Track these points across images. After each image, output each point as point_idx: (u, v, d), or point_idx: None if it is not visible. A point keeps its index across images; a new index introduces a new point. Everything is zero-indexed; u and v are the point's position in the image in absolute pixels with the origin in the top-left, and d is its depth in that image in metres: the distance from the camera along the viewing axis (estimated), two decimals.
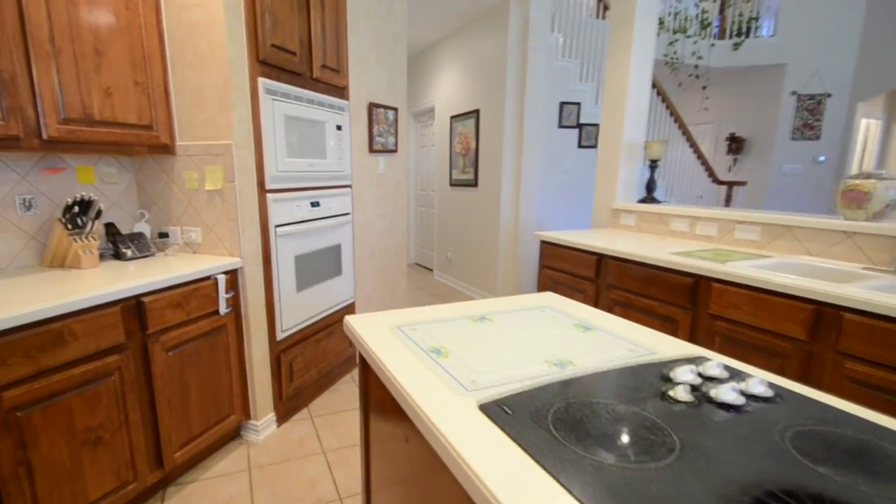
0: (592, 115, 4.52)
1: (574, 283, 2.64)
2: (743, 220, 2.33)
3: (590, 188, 4.65)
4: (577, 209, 4.70)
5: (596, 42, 4.61)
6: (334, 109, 2.44)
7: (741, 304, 1.76)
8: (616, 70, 3.08)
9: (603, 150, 3.25)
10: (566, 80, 4.34)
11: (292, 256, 2.19)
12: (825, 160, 6.38)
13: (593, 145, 4.59)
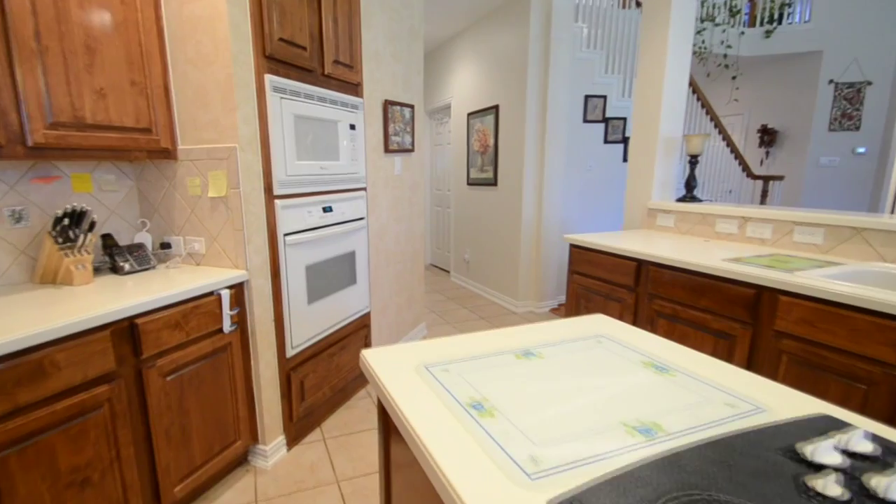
0: (619, 108, 4.27)
1: (609, 291, 2.41)
2: (802, 220, 2.08)
3: (617, 186, 4.40)
4: (604, 208, 4.45)
5: (621, 31, 4.35)
6: (347, 108, 2.26)
7: (815, 320, 1.52)
8: (651, 58, 2.84)
9: (636, 144, 3.00)
10: (591, 72, 4.09)
11: (303, 267, 2.01)
12: (865, 152, 6.00)
13: (620, 140, 4.34)
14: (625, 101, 4.29)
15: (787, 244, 2.15)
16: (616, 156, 4.37)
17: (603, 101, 4.19)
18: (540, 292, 4.07)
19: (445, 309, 4.18)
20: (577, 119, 4.14)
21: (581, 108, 4.15)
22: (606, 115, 4.24)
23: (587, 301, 2.58)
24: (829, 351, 1.49)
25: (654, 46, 2.81)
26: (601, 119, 4.23)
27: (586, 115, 4.17)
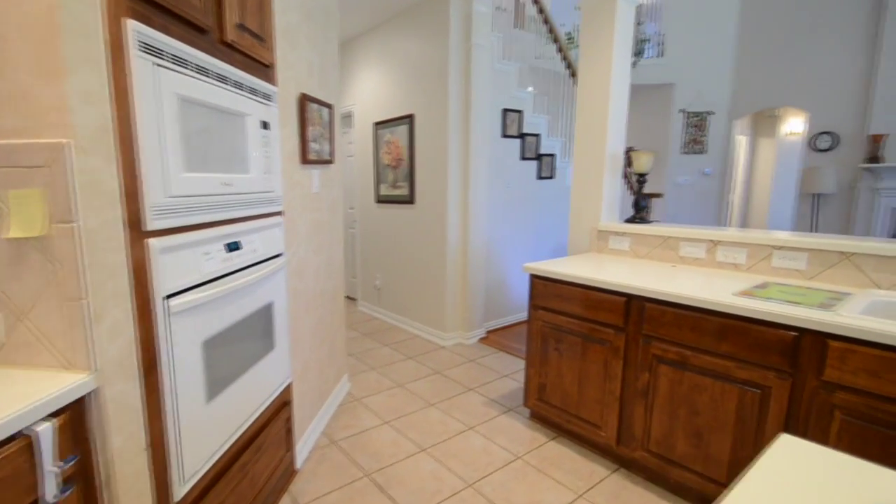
0: (533, 124, 4.05)
1: (588, 331, 2.03)
2: (783, 244, 1.94)
3: (534, 205, 4.18)
4: (525, 229, 4.18)
5: (530, 45, 4.17)
6: (259, 97, 1.51)
7: (880, 370, 1.28)
8: (594, 67, 2.58)
9: (581, 162, 2.72)
10: (507, 85, 3.80)
11: (199, 344, 1.22)
12: (711, 172, 6.81)
13: (535, 157, 4.13)
14: (538, 117, 4.09)
15: (765, 270, 2.00)
16: (531, 173, 4.15)
17: (519, 115, 3.93)
18: (468, 321, 3.60)
19: (363, 348, 3.46)
20: (496, 133, 3.80)
21: (499, 122, 3.82)
22: (522, 131, 3.99)
23: (557, 342, 2.16)
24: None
25: (596, 53, 2.56)
26: (518, 134, 3.97)
27: (505, 129, 3.86)
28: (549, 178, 4.26)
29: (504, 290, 4.04)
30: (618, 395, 1.95)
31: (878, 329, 1.27)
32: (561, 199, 4.39)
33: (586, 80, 2.64)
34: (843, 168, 5.12)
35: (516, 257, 4.10)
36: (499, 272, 3.96)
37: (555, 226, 4.40)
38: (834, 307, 1.47)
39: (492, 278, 3.89)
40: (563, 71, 4.45)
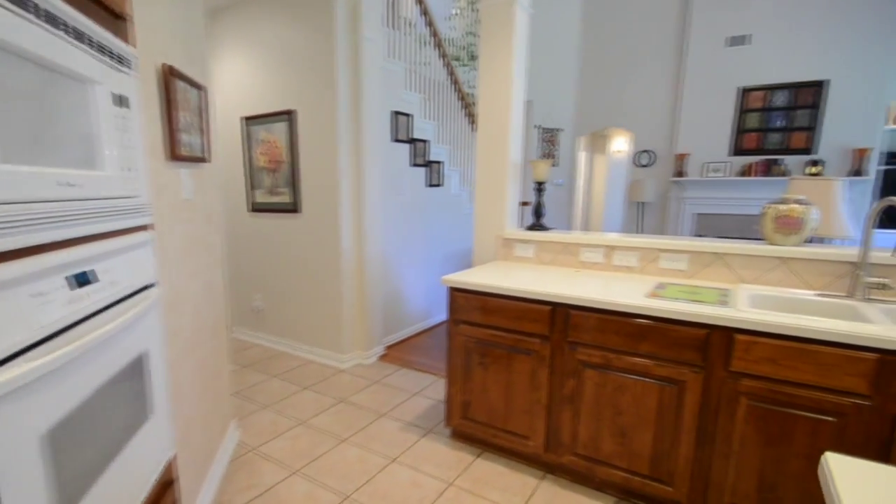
0: (421, 129, 3.92)
1: (514, 343, 1.95)
2: (668, 248, 2.11)
3: (426, 213, 4.05)
4: (420, 238, 4.01)
5: (414, 47, 4.03)
6: (110, 60, 1.05)
7: (778, 357, 1.43)
8: (495, 72, 2.55)
9: (483, 169, 2.66)
10: (396, 85, 3.60)
11: (34, 442, 0.75)
12: (562, 183, 7.56)
13: (424, 164, 4.00)
14: (426, 122, 3.98)
15: (654, 271, 2.16)
16: (420, 180, 4.01)
17: (409, 119, 3.76)
18: (367, 339, 3.29)
19: (248, 383, 2.89)
20: (386, 137, 3.57)
21: (389, 125, 3.60)
22: (412, 136, 3.83)
23: (482, 356, 2.04)
24: (795, 387, 1.41)
25: (497, 58, 2.53)
26: (408, 139, 3.79)
27: (395, 133, 3.65)
28: (437, 185, 4.18)
29: (401, 301, 3.82)
30: (545, 403, 1.90)
31: (777, 322, 1.41)
32: (450, 206, 4.34)
33: (488, 88, 2.59)
34: (659, 181, 6.05)
35: (411, 267, 3.91)
36: (395, 283, 3.72)
37: (445, 234, 4.33)
38: (729, 303, 1.61)
39: (389, 290, 3.63)
40: (444, 79, 4.41)
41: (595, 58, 6.30)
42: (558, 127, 7.27)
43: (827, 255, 1.77)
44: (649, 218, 6.19)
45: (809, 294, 1.75)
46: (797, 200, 1.87)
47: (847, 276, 1.75)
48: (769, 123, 5.04)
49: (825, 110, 4.71)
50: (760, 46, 4.99)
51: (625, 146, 7.75)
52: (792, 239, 1.87)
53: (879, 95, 4.47)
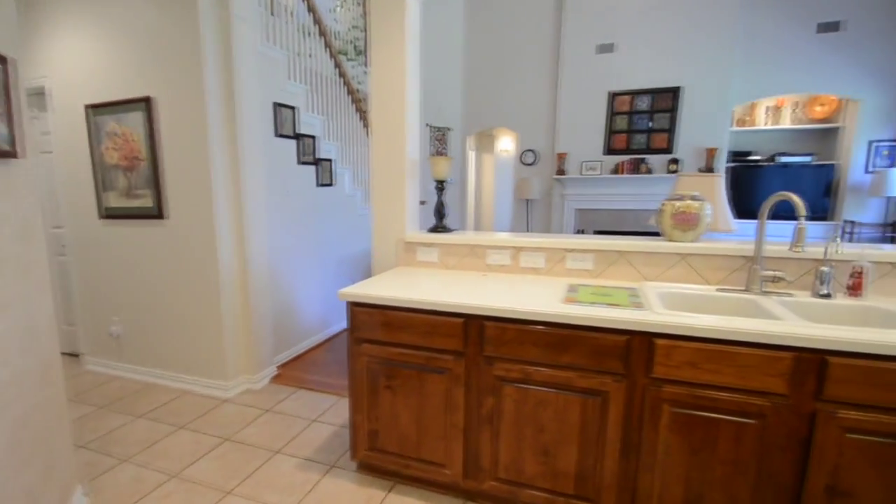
0: (308, 124, 3.38)
1: (425, 361, 1.60)
2: (574, 247, 1.93)
3: (317, 216, 3.54)
4: (312, 244, 3.48)
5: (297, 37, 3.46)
6: None
7: (699, 360, 1.27)
8: (388, 62, 2.16)
9: (380, 169, 2.27)
10: (276, 74, 3.02)
11: None
12: (454, 181, 7.37)
13: (313, 162, 3.47)
14: (313, 116, 3.44)
15: (561, 271, 1.97)
16: (309, 179, 3.48)
17: (293, 112, 3.20)
18: (256, 360, 2.71)
19: (104, 429, 2.17)
20: (268, 132, 2.99)
21: (271, 119, 3.02)
22: (298, 131, 3.28)
23: (389, 378, 1.67)
24: (717, 390, 1.27)
25: (390, 47, 2.14)
26: (293, 135, 3.24)
27: (278, 127, 3.07)
28: (328, 185, 3.67)
29: (294, 313, 3.27)
30: (461, 426, 1.59)
31: (697, 324, 1.25)
32: (343, 207, 3.87)
33: (381, 80, 2.18)
34: (543, 179, 6.08)
35: (303, 274, 3.38)
36: (285, 294, 3.17)
37: (339, 236, 3.85)
38: (643, 305, 1.44)
39: (279, 302, 3.07)
40: (332, 73, 3.89)
41: (479, 58, 6.13)
42: (447, 126, 7.01)
43: (723, 251, 1.70)
44: (536, 214, 6.25)
45: (710, 289, 1.66)
46: (692, 197, 1.79)
47: (742, 269, 1.70)
48: (635, 125, 5.34)
49: (680, 114, 5.10)
50: (625, 54, 5.23)
51: (510, 145, 7.82)
52: (689, 235, 1.78)
53: (725, 101, 4.94)
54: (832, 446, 1.17)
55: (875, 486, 1.15)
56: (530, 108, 5.96)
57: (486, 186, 8.51)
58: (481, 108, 6.31)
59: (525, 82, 5.92)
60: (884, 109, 4.70)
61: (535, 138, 6.04)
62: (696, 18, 4.91)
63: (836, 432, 1.16)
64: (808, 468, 1.20)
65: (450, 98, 6.35)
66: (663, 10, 5.02)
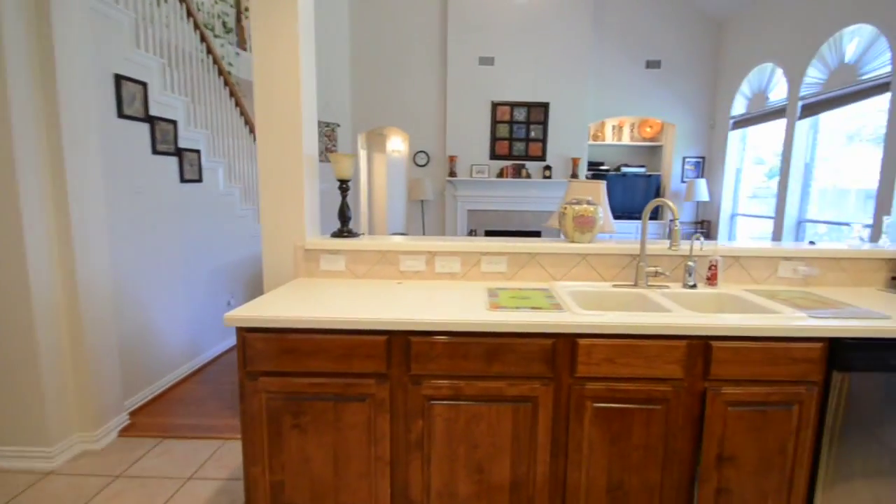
0: (165, 105, 2.81)
1: (342, 390, 1.42)
2: (488, 250, 1.95)
3: (184, 220, 2.97)
4: (173, 252, 2.89)
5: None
6: None
7: (615, 356, 1.38)
8: (277, 43, 1.88)
9: (269, 166, 1.96)
10: (119, 40, 2.43)
11: None
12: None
13: (174, 152, 2.90)
14: (173, 97, 2.87)
15: (476, 275, 1.97)
16: (171, 173, 2.89)
17: (143, 89, 2.61)
18: (94, 412, 2.10)
19: None
20: (108, 111, 2.37)
21: (113, 95, 2.41)
22: (151, 112, 2.69)
23: (297, 415, 1.43)
24: (631, 382, 1.39)
25: (278, 24, 1.87)
26: (144, 116, 2.64)
27: (122, 106, 2.46)
28: (196, 180, 3.12)
29: (149, 343, 2.67)
30: (388, 458, 1.45)
31: (613, 322, 1.35)
32: (214, 208, 3.33)
33: (268, 64, 1.88)
34: (436, 180, 6.19)
35: (162, 292, 2.79)
36: (138, 319, 2.56)
37: (210, 244, 3.30)
38: (562, 307, 1.51)
39: (129, 330, 2.47)
40: (198, 50, 3.30)
41: (368, 55, 5.93)
42: (336, 122, 6.65)
43: (615, 250, 1.90)
44: (430, 215, 6.32)
45: (607, 286, 1.83)
46: (588, 201, 1.96)
47: (629, 266, 1.91)
48: (515, 134, 5.78)
49: (549, 126, 5.69)
50: (502, 67, 5.63)
51: (402, 146, 7.79)
52: (587, 236, 1.95)
53: (583, 117, 5.66)
54: (718, 419, 1.37)
55: (751, 448, 1.38)
56: (421, 109, 5.98)
57: (379, 187, 8.28)
58: (371, 106, 6.09)
59: (416, 84, 5.91)
60: (691, 131, 5.95)
61: (427, 140, 6.08)
62: (559, 44, 5.53)
63: (721, 407, 1.37)
64: (702, 441, 1.39)
65: (337, 93, 5.98)
66: (532, 32, 5.52)
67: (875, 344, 1.31)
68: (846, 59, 3.68)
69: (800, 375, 1.33)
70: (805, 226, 4.23)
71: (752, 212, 5.33)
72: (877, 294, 1.74)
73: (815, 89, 3.97)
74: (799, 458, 1.38)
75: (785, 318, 1.37)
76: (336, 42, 5.73)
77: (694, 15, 5.66)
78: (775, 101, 4.60)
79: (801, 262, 1.83)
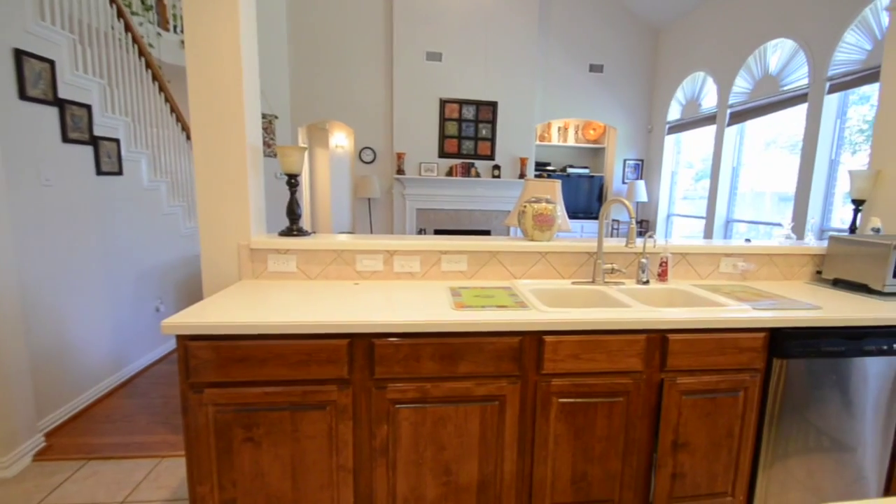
0: (77, 87, 2.52)
1: (300, 398, 1.34)
2: (448, 249, 1.94)
3: (102, 217, 2.68)
4: (89, 254, 2.59)
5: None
6: None
7: (580, 352, 1.42)
8: (213, 18, 1.74)
9: (206, 157, 1.80)
10: (18, 12, 2.14)
11: None
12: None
13: (89, 140, 2.61)
14: (85, 78, 2.57)
15: (436, 274, 1.95)
16: (85, 164, 2.59)
17: (50, 67, 2.31)
18: (3, 437, 1.83)
19: None
20: (7, 91, 2.07)
21: (12, 73, 2.10)
22: (60, 95, 2.39)
23: (249, 428, 1.33)
24: (594, 376, 1.45)
25: (217, 6, 1.74)
26: (52, 99, 2.34)
27: (25, 87, 2.16)
28: (115, 173, 2.83)
29: (67, 356, 2.38)
30: (350, 466, 1.39)
31: (578, 318, 1.39)
32: (138, 204, 3.04)
33: (204, 42, 1.74)
34: (384, 177, 6.06)
35: (80, 299, 2.50)
36: (52, 330, 2.27)
37: (135, 244, 3.01)
38: (527, 305, 1.53)
39: (42, 345, 2.18)
40: (113, 27, 2.98)
41: (307, 45, 5.65)
42: (273, 114, 6.32)
43: (573, 248, 1.96)
44: (378, 213, 6.20)
45: (566, 283, 1.89)
46: (547, 200, 2.01)
47: (587, 264, 1.98)
48: (464, 132, 5.81)
49: (498, 125, 5.79)
50: (450, 64, 5.63)
51: (346, 141, 7.56)
52: (546, 234, 1.99)
53: (530, 118, 5.82)
54: (674, 407, 1.46)
55: (702, 433, 1.49)
56: (366, 104, 5.82)
57: (322, 184, 7.96)
58: (312, 99, 5.84)
59: (360, 78, 5.74)
60: (631, 135, 6.34)
61: (372, 136, 5.93)
62: (507, 42, 5.64)
63: (676, 396, 1.46)
64: (659, 429, 1.47)
65: (275, 83, 5.65)
66: (479, 28, 5.57)
67: (808, 332, 1.46)
68: (770, 71, 4.10)
69: (745, 363, 1.45)
70: (732, 225, 4.66)
71: (685, 212, 5.78)
72: (805, 287, 1.94)
73: (742, 98, 4.38)
74: (744, 440, 1.51)
75: (732, 311, 1.49)
76: (272, 27, 5.44)
77: (634, 22, 6.03)
78: (707, 109, 5.03)
79: (740, 258, 2.00)
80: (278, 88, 5.72)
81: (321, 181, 8.13)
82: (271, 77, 5.56)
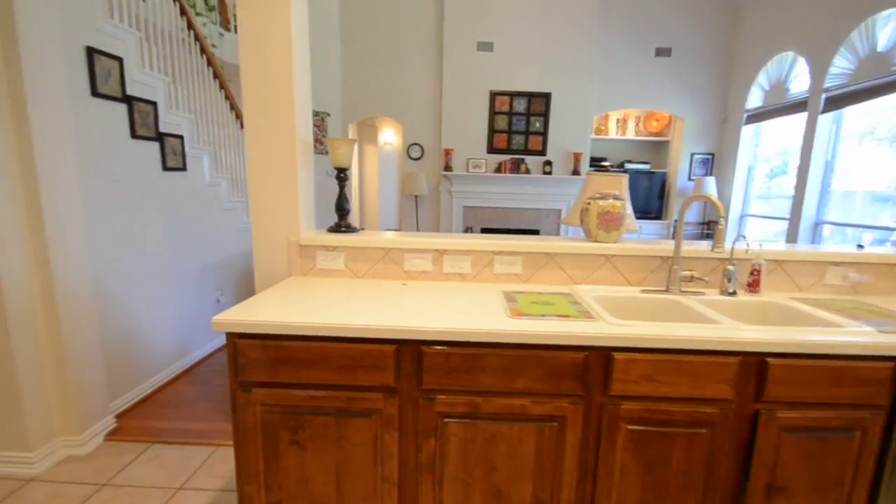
0: (144, 84, 2.62)
1: (345, 404, 1.27)
2: (502, 249, 1.81)
3: (168, 212, 2.80)
4: (156, 247, 2.71)
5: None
6: None
7: (655, 373, 1.24)
8: (266, 18, 1.71)
9: (259, 153, 1.79)
10: (90, 10, 2.23)
11: None
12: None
13: (155, 136, 2.72)
14: (152, 75, 2.67)
15: (488, 277, 1.83)
16: (152, 160, 2.71)
17: (119, 64, 2.42)
18: (78, 415, 1.95)
19: None
20: (80, 88, 2.18)
21: (84, 70, 2.21)
22: (128, 92, 2.50)
23: (295, 430, 1.29)
24: (672, 402, 1.26)
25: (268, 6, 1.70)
26: (122, 96, 2.45)
27: (96, 84, 2.27)
28: (179, 169, 2.94)
29: (136, 342, 2.50)
30: (396, 479, 1.31)
31: (656, 335, 1.21)
32: (201, 200, 3.16)
33: (256, 41, 1.71)
34: (431, 174, 5.97)
35: (150, 287, 2.62)
36: (123, 317, 2.40)
37: (199, 238, 3.13)
38: (593, 315, 1.37)
39: (113, 329, 2.31)
40: (179, 28, 3.10)
41: (359, 41, 5.67)
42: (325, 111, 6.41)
43: (643, 251, 1.76)
44: (424, 211, 6.14)
45: (635, 291, 1.70)
46: (615, 196, 1.82)
47: (658, 270, 1.77)
48: (514, 126, 5.60)
49: (550, 119, 5.53)
50: (502, 54, 5.42)
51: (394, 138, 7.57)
52: (614, 235, 1.81)
53: (587, 110, 5.50)
54: (771, 445, 1.25)
55: (805, 477, 1.26)
56: (415, 98, 5.77)
57: (370, 181, 8.06)
58: (363, 95, 5.87)
59: (409, 73, 5.69)
60: (700, 127, 5.82)
61: (421, 132, 5.87)
62: (563, 29, 5.34)
63: (775, 432, 1.24)
64: (750, 468, 1.26)
65: (326, 80, 5.73)
66: (534, 16, 5.32)
67: None
68: (878, 48, 3.55)
69: (865, 398, 1.21)
70: (822, 228, 4.13)
71: (760, 212, 5.23)
72: None
73: (842, 80, 3.84)
74: (857, 489, 1.27)
75: (852, 334, 1.24)
76: (325, 26, 5.51)
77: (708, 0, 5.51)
78: (795, 94, 4.48)
79: (852, 268, 1.70)
80: (331, 87, 5.80)
81: (370, 178, 8.22)
82: (324, 76, 5.65)
